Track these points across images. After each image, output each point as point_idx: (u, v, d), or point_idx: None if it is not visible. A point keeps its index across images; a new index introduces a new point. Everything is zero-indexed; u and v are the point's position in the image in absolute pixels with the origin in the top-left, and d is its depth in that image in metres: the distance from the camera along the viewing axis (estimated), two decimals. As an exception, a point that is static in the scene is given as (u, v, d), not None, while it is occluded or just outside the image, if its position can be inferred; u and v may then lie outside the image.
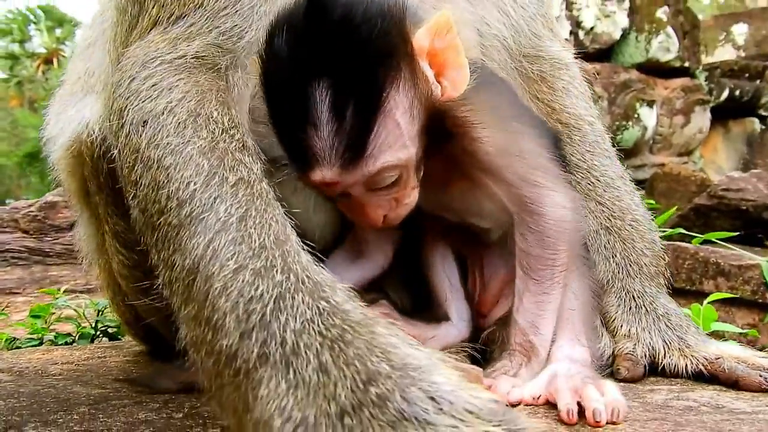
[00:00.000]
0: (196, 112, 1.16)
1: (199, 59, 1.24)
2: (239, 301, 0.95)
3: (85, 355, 1.86)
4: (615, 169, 1.60)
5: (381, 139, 1.10)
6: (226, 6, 1.27)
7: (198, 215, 1.04)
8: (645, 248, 1.48)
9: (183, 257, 1.03)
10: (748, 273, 3.50)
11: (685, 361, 1.27)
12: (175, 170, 1.09)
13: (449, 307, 1.42)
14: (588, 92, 1.72)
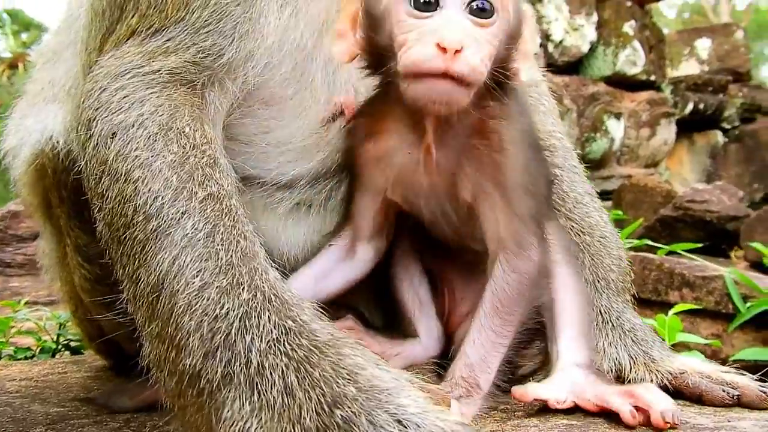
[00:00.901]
0: (168, 126, 1.14)
1: (175, 75, 1.22)
2: (204, 319, 0.94)
3: (45, 370, 1.81)
4: (583, 185, 1.61)
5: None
6: (208, 23, 1.24)
7: (165, 230, 1.02)
8: (612, 264, 1.49)
9: (148, 273, 1.01)
10: (712, 284, 3.56)
11: (651, 376, 1.28)
12: (143, 184, 1.07)
13: (418, 324, 1.41)
14: (555, 109, 1.74)
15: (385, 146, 1.25)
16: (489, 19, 1.09)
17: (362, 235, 1.32)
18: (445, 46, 1.01)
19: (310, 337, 0.94)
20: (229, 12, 1.25)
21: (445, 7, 1.07)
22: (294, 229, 1.43)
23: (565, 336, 1.23)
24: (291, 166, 1.40)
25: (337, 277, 1.33)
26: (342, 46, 1.20)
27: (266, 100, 1.35)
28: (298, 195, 1.43)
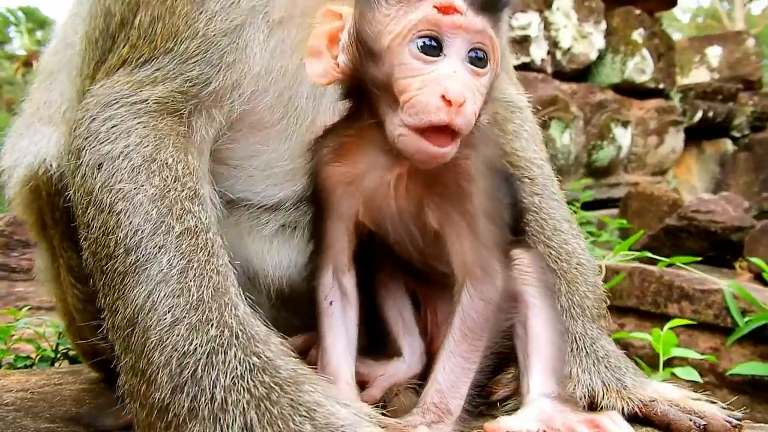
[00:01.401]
0: (152, 158, 1.18)
1: (162, 104, 1.25)
2: (173, 355, 0.98)
3: (41, 381, 1.85)
4: (562, 212, 1.63)
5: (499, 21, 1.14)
6: (195, 54, 1.28)
7: (142, 264, 1.06)
8: (588, 291, 1.51)
9: (125, 306, 1.05)
10: (711, 297, 3.56)
11: (622, 403, 1.30)
12: (125, 216, 1.11)
13: (402, 343, 1.44)
14: (539, 135, 1.76)
15: (356, 169, 1.25)
16: (484, 69, 1.11)
17: (343, 267, 1.32)
18: (450, 98, 1.02)
19: (272, 374, 0.98)
20: (216, 42, 1.28)
21: (449, 56, 1.08)
22: (279, 250, 1.47)
23: (536, 368, 1.26)
24: (277, 189, 1.44)
25: (352, 326, 1.33)
26: (318, 67, 1.18)
27: (253, 125, 1.39)
28: (284, 217, 1.47)
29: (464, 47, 1.09)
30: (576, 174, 8.51)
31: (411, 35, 1.07)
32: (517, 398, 1.30)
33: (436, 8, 1.06)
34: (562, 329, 1.35)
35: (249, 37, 1.31)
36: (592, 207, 8.24)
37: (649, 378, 1.43)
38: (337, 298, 1.31)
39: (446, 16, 1.06)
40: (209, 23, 1.27)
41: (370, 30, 1.12)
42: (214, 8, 1.28)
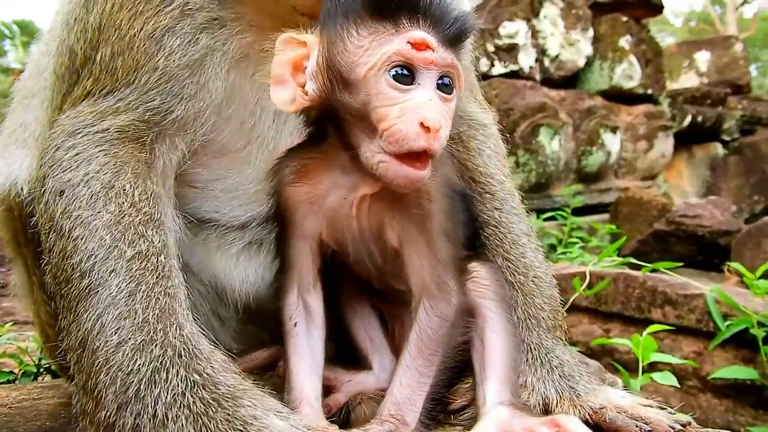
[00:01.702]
0: (110, 184, 1.23)
1: (123, 132, 1.31)
2: (118, 375, 1.03)
3: (21, 396, 1.88)
4: (521, 226, 1.67)
5: (462, 51, 1.22)
6: (156, 85, 1.33)
7: (95, 288, 1.11)
8: (544, 303, 1.56)
9: (78, 328, 1.11)
10: (693, 302, 3.61)
11: (574, 411, 1.34)
12: (81, 242, 1.16)
13: (371, 359, 1.48)
14: (502, 151, 1.81)
15: (318, 190, 1.28)
16: (451, 95, 1.18)
17: (307, 286, 1.36)
18: (429, 125, 1.08)
19: (211, 390, 1.02)
20: (176, 75, 1.34)
21: (423, 84, 1.14)
22: (246, 267, 1.52)
23: (492, 379, 1.30)
24: (243, 210, 1.49)
25: (317, 347, 1.36)
26: (284, 94, 1.22)
27: (218, 150, 1.44)
28: (250, 235, 1.52)
29: (435, 77, 1.15)
30: (566, 180, 8.55)
31: (386, 66, 1.13)
32: (473, 408, 1.33)
33: (410, 44, 1.12)
34: (517, 341, 1.39)
35: (209, 71, 1.37)
36: (583, 212, 8.28)
37: (603, 385, 1.47)
38: (301, 319, 1.34)
39: (419, 52, 1.12)
40: (168, 59, 1.33)
41: (343, 60, 1.16)
42: (172, 45, 1.33)
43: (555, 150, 8.20)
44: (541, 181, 8.24)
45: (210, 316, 1.52)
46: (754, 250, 5.33)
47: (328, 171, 1.28)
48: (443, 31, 1.15)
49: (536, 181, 8.19)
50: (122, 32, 1.33)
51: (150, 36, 1.32)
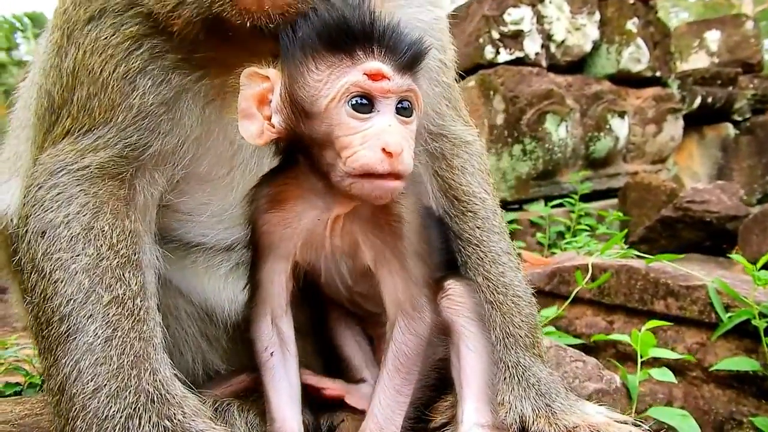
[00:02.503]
0: (89, 226, 1.29)
1: (104, 168, 1.36)
2: (94, 421, 1.09)
3: (24, 411, 1.94)
4: (503, 245, 1.70)
5: (418, 74, 1.26)
6: (133, 122, 1.39)
7: (72, 333, 1.17)
8: (522, 321, 1.59)
9: (57, 373, 1.17)
10: (695, 293, 3.60)
11: (550, 429, 1.38)
12: (61, 285, 1.23)
13: (365, 372, 1.52)
14: (486, 168, 1.84)
15: (293, 212, 1.32)
16: (411, 117, 1.23)
17: (280, 312, 1.39)
18: (390, 151, 1.14)
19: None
20: (152, 112, 1.39)
21: (382, 111, 1.19)
22: (235, 287, 1.56)
23: (469, 399, 1.33)
24: (229, 232, 1.54)
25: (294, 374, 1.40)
26: (252, 128, 1.26)
27: (201, 179, 1.49)
28: (237, 257, 1.56)
29: (393, 103, 1.20)
30: (574, 166, 8.52)
31: (345, 97, 1.18)
32: (453, 425, 1.37)
33: (366, 75, 1.17)
34: (494, 358, 1.42)
35: (183, 107, 1.43)
36: (592, 198, 8.26)
37: (580, 400, 1.50)
38: (277, 348, 1.38)
39: (376, 82, 1.17)
40: (143, 98, 1.39)
41: (305, 94, 1.20)
42: (146, 84, 1.39)
43: (562, 137, 8.16)
44: (548, 168, 8.22)
45: (199, 337, 1.57)
46: (761, 236, 5.30)
47: (301, 194, 1.32)
48: (398, 59, 1.20)
49: (543, 168, 8.16)
50: (95, 75, 1.39)
51: (123, 77, 1.38)
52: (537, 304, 1.71)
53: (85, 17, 1.42)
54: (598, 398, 2.56)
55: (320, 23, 1.21)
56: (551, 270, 4.26)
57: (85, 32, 1.41)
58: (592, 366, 2.74)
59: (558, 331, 3.78)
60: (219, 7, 1.29)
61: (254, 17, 1.28)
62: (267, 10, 1.26)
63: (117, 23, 1.40)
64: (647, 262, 3.87)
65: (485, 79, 8.24)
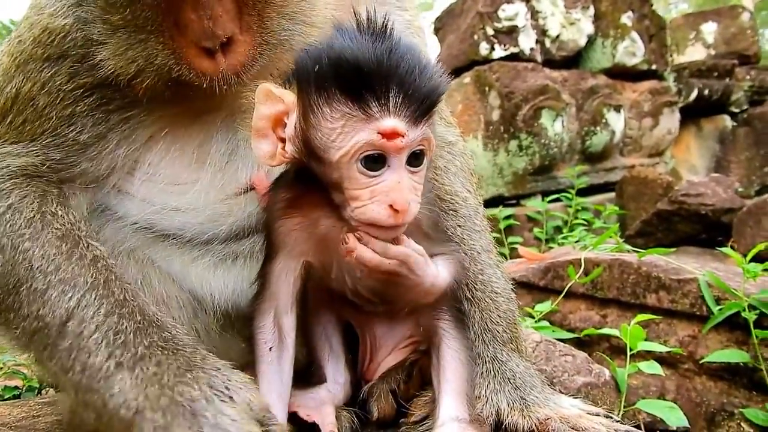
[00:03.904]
0: (41, 210, 1.40)
1: (24, 170, 1.47)
2: (109, 332, 1.26)
3: (22, 413, 1.98)
4: (483, 242, 1.75)
5: (432, 117, 1.26)
6: (58, 144, 1.49)
7: (66, 280, 1.30)
8: (500, 317, 1.63)
9: (53, 311, 1.28)
10: (687, 286, 3.63)
11: (523, 421, 1.43)
12: (35, 251, 1.34)
13: (326, 370, 1.56)
14: (468, 167, 1.89)
15: (309, 218, 1.36)
16: (422, 165, 1.25)
17: (285, 309, 1.43)
18: (397, 209, 1.18)
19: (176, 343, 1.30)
20: (85, 142, 1.51)
21: (392, 166, 1.20)
22: (223, 277, 1.63)
23: (447, 394, 1.38)
24: (204, 228, 1.61)
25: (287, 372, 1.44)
26: (266, 149, 1.30)
27: (170, 183, 1.55)
28: (222, 249, 1.62)
29: (405, 156, 1.21)
30: (571, 161, 8.55)
31: (357, 155, 1.19)
32: (432, 419, 1.41)
33: (380, 134, 1.16)
34: (472, 355, 1.46)
35: (120, 140, 1.54)
36: (589, 192, 8.30)
37: (555, 393, 1.54)
38: (275, 345, 1.42)
39: (390, 141, 1.16)
40: (79, 134, 1.50)
41: (318, 139, 1.22)
42: (86, 124, 1.50)
43: (558, 131, 8.19)
44: (545, 163, 8.25)
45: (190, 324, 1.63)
46: (754, 228, 5.32)
47: (317, 202, 1.34)
48: (414, 111, 1.18)
49: (540, 163, 8.20)
50: (39, 108, 1.48)
51: (67, 116, 1.48)
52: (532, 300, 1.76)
53: (42, 56, 1.50)
54: (587, 391, 2.61)
55: (335, 65, 1.19)
56: (546, 265, 4.30)
57: (39, 69, 1.49)
58: (581, 360, 2.77)
59: (552, 326, 3.82)
60: (177, 72, 1.39)
61: (210, 79, 1.39)
62: (222, 71, 1.37)
63: (73, 71, 1.49)
64: (639, 256, 3.90)
65: (480, 76, 8.28)
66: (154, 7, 1.35)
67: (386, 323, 1.57)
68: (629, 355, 2.86)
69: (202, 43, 1.37)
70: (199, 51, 1.38)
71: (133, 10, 1.36)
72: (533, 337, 2.87)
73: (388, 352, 1.58)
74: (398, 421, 1.51)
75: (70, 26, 1.48)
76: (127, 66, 1.41)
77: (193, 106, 1.54)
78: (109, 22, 1.40)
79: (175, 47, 1.38)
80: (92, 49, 1.45)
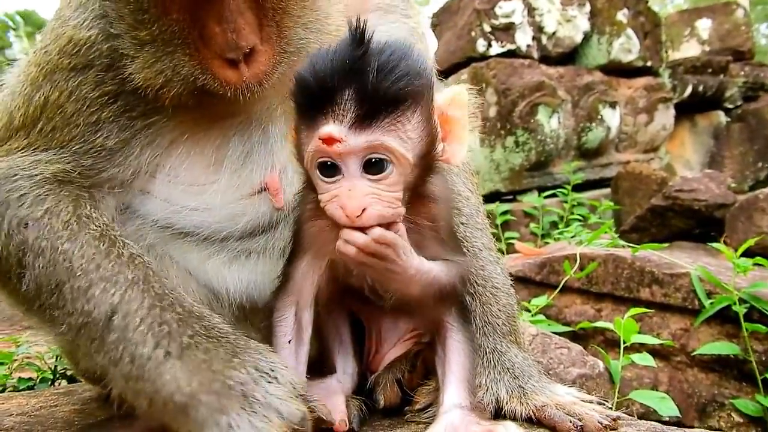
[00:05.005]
0: (76, 213, 1.48)
1: (56, 176, 1.54)
2: (154, 324, 1.34)
3: (39, 403, 2.06)
4: (484, 240, 1.83)
5: (392, 123, 1.24)
6: (87, 151, 1.56)
7: (107, 277, 1.39)
8: (500, 311, 1.72)
9: (97, 306, 1.36)
10: (679, 281, 3.71)
11: (521, 408, 1.52)
12: (75, 251, 1.41)
13: (336, 361, 1.64)
14: (469, 169, 1.97)
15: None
16: (384, 172, 1.26)
17: (305, 304, 1.52)
18: (347, 214, 1.23)
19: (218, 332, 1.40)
20: (111, 148, 1.58)
21: (345, 175, 1.25)
22: (238, 273, 1.71)
23: (451, 383, 1.45)
24: (221, 226, 1.69)
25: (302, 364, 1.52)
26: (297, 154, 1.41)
27: (189, 184, 1.63)
28: (237, 246, 1.70)
29: (356, 164, 1.25)
30: (567, 157, 8.64)
31: (314, 162, 1.29)
32: (436, 406, 1.49)
33: (321, 140, 1.23)
34: (474, 347, 1.54)
35: (144, 144, 1.61)
36: (585, 188, 8.39)
37: (552, 383, 1.63)
38: (294, 338, 1.51)
39: (330, 147, 1.22)
40: (105, 140, 1.57)
41: (300, 149, 1.35)
42: (111, 130, 1.57)
43: (554, 128, 8.28)
44: (541, 159, 8.34)
45: None
46: (746, 224, 5.41)
47: None
48: (358, 117, 1.21)
49: (536, 159, 8.28)
50: (66, 116, 1.56)
51: (92, 123, 1.56)
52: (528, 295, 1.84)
53: (68, 66, 1.57)
54: (582, 382, 2.70)
55: (295, 82, 1.29)
56: (542, 260, 4.38)
57: (66, 78, 1.57)
58: (576, 352, 2.87)
59: (548, 320, 3.90)
60: (202, 82, 1.48)
61: (234, 88, 1.47)
62: (245, 81, 1.46)
63: (98, 80, 1.56)
64: (633, 252, 3.98)
65: (477, 72, 8.35)
66: (181, 22, 1.43)
67: (392, 318, 1.65)
68: (623, 348, 2.94)
69: (226, 54, 1.45)
70: (223, 62, 1.46)
71: (160, 25, 1.44)
72: (530, 330, 2.96)
73: (393, 345, 1.66)
74: (403, 409, 1.60)
75: (95, 37, 1.56)
76: (155, 78, 1.49)
77: (211, 111, 1.61)
78: (138, 37, 1.48)
79: (201, 59, 1.47)
80: (117, 59, 1.53)
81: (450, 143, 1.38)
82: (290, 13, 1.51)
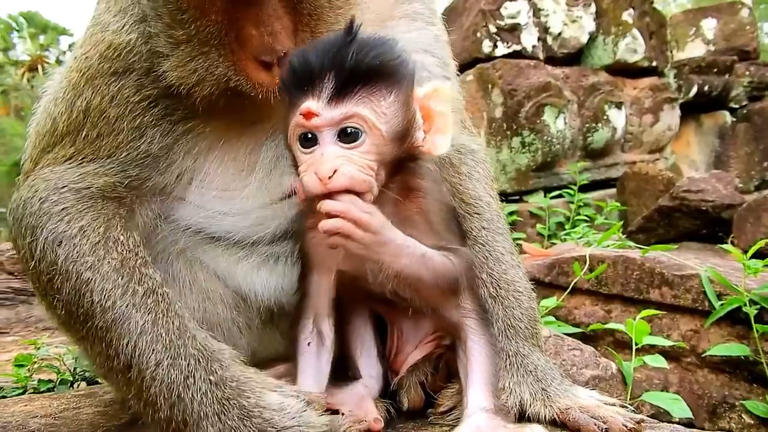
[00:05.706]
0: (105, 235, 1.49)
1: (103, 191, 1.55)
2: (163, 387, 1.36)
3: (62, 405, 2.09)
4: (505, 244, 1.85)
5: (367, 95, 1.35)
6: (134, 158, 1.58)
7: (120, 320, 1.40)
8: (522, 314, 1.73)
9: (117, 353, 1.39)
10: (689, 282, 3.72)
11: (545, 411, 1.54)
12: (95, 283, 1.42)
13: (360, 364, 1.66)
14: (490, 174, 2.00)
15: None
16: (358, 141, 1.35)
17: (323, 313, 1.57)
18: (320, 176, 1.30)
19: (222, 387, 1.39)
20: (155, 154, 1.60)
21: (320, 143, 1.35)
22: (267, 276, 1.75)
23: (474, 386, 1.48)
24: (251, 231, 1.72)
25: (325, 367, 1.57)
26: None
27: (222, 189, 1.65)
28: (267, 250, 1.73)
29: (331, 133, 1.35)
30: (573, 157, 8.65)
31: (295, 136, 1.38)
32: (459, 409, 1.52)
33: (301, 115, 1.33)
34: (496, 350, 1.57)
35: (185, 149, 1.64)
36: (591, 188, 8.39)
37: (574, 386, 1.64)
38: (314, 341, 1.55)
39: (309, 120, 1.33)
40: (149, 145, 1.59)
41: (287, 128, 1.42)
42: (154, 135, 1.60)
43: (560, 128, 8.29)
44: (547, 160, 8.34)
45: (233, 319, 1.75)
46: (754, 224, 5.43)
47: None
48: (333, 92, 1.33)
49: (542, 160, 8.29)
50: (110, 121, 1.58)
51: (136, 128, 1.58)
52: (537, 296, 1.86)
53: (109, 71, 1.60)
54: (595, 384, 2.71)
55: (284, 70, 1.40)
56: (551, 261, 4.39)
57: (107, 83, 1.59)
58: (588, 354, 2.88)
59: (558, 321, 3.91)
60: (235, 83, 1.52)
61: (266, 90, 1.51)
62: (277, 84, 1.47)
63: (139, 84, 1.59)
64: (643, 253, 3.99)
65: (483, 73, 8.36)
66: (218, 23, 1.46)
67: (413, 319, 1.67)
68: (634, 350, 2.95)
69: (261, 56, 1.49)
70: (257, 64, 1.50)
71: (198, 26, 1.46)
72: (542, 332, 2.97)
73: (414, 347, 1.68)
74: (426, 411, 1.62)
75: (135, 41, 1.58)
76: (188, 76, 1.51)
77: (244, 117, 1.64)
78: (174, 36, 1.50)
79: (235, 60, 1.50)
80: (156, 62, 1.55)
81: (432, 135, 1.45)
82: (324, 20, 1.54)
